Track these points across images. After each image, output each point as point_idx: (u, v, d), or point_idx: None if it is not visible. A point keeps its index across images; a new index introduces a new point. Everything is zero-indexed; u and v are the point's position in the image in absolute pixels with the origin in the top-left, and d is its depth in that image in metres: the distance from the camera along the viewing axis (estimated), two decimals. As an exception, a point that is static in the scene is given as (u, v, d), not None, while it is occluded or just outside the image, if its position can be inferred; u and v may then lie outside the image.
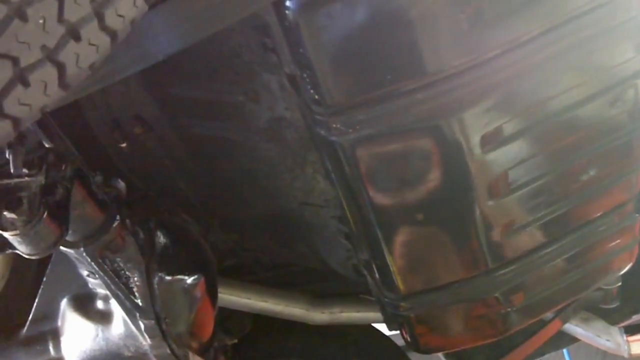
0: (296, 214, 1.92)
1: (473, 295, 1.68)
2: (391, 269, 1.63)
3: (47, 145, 1.23)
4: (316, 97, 1.32)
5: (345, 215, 1.66)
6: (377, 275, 1.73)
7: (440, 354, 2.60)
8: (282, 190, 1.83)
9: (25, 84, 0.75)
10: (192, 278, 1.63)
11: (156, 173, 1.88)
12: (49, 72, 0.78)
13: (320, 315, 2.28)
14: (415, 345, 1.85)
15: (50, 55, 0.77)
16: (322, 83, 1.29)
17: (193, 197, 1.96)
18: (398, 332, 1.92)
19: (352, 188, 1.50)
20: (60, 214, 1.25)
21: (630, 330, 2.13)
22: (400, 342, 2.24)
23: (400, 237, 1.57)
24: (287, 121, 1.56)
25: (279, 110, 1.55)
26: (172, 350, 1.57)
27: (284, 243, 2.18)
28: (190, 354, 1.66)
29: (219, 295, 2.01)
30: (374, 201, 1.49)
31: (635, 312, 2.17)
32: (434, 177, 1.45)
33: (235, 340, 2.34)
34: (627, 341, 2.12)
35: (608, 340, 2.17)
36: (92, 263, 1.46)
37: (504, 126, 1.41)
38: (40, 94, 0.78)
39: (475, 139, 1.39)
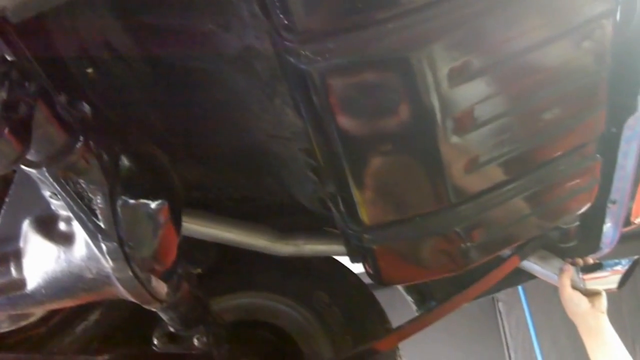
0: (264, 147, 1.92)
1: (435, 229, 1.71)
2: (356, 201, 1.64)
3: (10, 60, 1.21)
4: (286, 22, 1.30)
5: (312, 148, 1.66)
6: (342, 208, 1.74)
7: (400, 287, 2.65)
8: (251, 122, 1.82)
9: (-16, -18, 0.74)
10: (156, 203, 1.62)
11: (124, 101, 1.86)
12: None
13: (284, 247, 2.30)
14: (377, 277, 1.88)
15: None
16: (292, 8, 1.27)
17: (160, 127, 1.94)
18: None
19: (320, 118, 1.50)
20: (22, 131, 1.23)
21: (586, 269, 2.18)
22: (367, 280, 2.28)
23: (366, 169, 1.58)
24: (257, 50, 1.54)
25: (249, 39, 1.53)
26: (134, 273, 1.57)
27: (251, 176, 2.18)
28: (153, 278, 1.67)
29: (185, 224, 2.01)
30: (341, 132, 1.49)
31: (592, 252, 2.21)
32: (402, 109, 1.45)
33: (200, 270, 2.36)
34: (583, 279, 2.17)
35: (565, 278, 2.22)
36: (55, 184, 1.45)
37: (471, 61, 1.41)
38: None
39: (443, 72, 1.39)
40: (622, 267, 2.13)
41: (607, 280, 2.16)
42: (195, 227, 2.14)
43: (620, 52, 1.58)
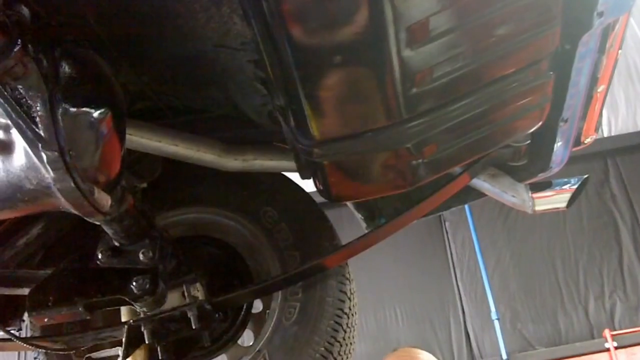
0: (210, 57, 1.87)
1: (386, 145, 1.68)
2: (307, 114, 1.60)
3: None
4: None
5: (262, 59, 1.61)
6: (292, 121, 1.71)
7: (350, 204, 2.65)
8: (197, 31, 1.77)
9: None
10: (98, 112, 1.56)
11: (63, 4, 1.77)
12: None
13: (232, 162, 2.25)
14: (327, 193, 1.87)
15: None
16: None
17: (103, 34, 1.86)
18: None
19: (270, 27, 1.45)
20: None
21: (536, 188, 2.19)
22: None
23: (317, 81, 1.54)
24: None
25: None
26: (76, 183, 1.53)
27: (197, 87, 2.13)
28: (96, 190, 1.62)
29: (129, 136, 1.96)
30: (293, 41, 1.44)
31: (542, 171, 2.22)
32: (355, 19, 1.40)
33: (145, 184, 2.31)
34: (532, 198, 2.18)
35: (514, 196, 2.23)
36: (-8, 89, 1.40)
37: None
38: None
39: (398, -20, 1.35)
40: (571, 186, 2.16)
41: (556, 199, 2.17)
42: (140, 139, 2.08)
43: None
